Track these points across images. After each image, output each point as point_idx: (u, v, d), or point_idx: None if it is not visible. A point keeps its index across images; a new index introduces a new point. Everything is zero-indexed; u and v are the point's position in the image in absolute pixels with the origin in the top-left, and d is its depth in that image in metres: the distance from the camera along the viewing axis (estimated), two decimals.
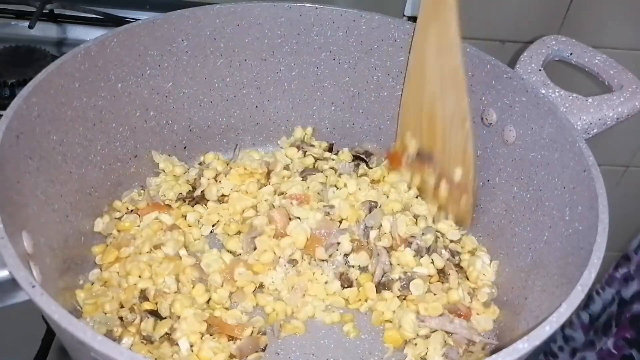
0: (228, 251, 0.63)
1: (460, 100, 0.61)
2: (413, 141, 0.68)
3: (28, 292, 0.38)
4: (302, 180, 0.69)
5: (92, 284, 0.59)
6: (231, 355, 0.55)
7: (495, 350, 0.55)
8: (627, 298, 0.98)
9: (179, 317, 0.56)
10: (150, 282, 0.58)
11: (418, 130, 0.67)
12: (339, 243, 0.63)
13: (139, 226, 0.63)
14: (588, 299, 1.07)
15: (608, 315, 1.01)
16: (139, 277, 0.58)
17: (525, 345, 0.38)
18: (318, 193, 0.67)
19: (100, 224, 0.63)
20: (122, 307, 0.56)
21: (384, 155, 0.73)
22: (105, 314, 0.55)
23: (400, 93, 0.71)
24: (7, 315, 0.59)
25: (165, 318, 0.56)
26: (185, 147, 0.72)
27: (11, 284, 0.59)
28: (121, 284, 0.58)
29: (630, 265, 0.99)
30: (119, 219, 0.64)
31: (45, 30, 0.85)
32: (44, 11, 0.82)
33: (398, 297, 0.60)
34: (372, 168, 0.73)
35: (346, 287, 0.61)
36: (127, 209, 0.65)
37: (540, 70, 0.64)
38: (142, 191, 0.67)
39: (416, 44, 0.64)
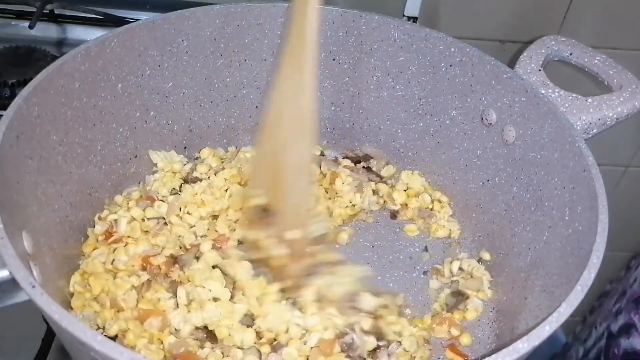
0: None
1: (306, 151, 0.55)
2: (261, 196, 0.60)
3: (28, 292, 0.38)
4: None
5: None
6: None
7: (495, 350, 0.55)
8: (615, 332, 0.96)
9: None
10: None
11: (266, 183, 0.59)
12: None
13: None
14: (588, 334, 1.06)
15: (597, 350, 1.00)
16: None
17: (525, 345, 0.38)
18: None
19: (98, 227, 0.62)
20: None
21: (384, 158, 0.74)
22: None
23: (401, 93, 0.71)
24: (7, 315, 0.59)
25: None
26: (185, 147, 0.72)
27: (11, 284, 0.59)
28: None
29: (624, 299, 0.98)
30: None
31: (46, 31, 0.85)
32: (44, 11, 0.82)
33: None
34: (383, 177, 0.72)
35: None
36: (127, 203, 0.65)
37: (540, 70, 0.64)
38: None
39: (278, 81, 0.56)
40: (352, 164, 0.74)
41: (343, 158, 0.75)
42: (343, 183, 0.71)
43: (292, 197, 0.56)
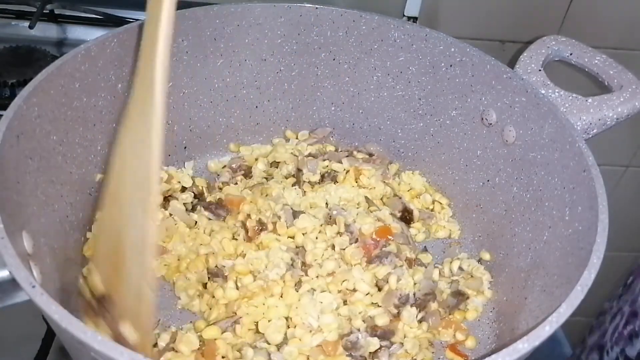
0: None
1: (145, 221, 0.43)
2: (100, 282, 0.49)
3: (28, 292, 0.38)
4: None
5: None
6: None
7: (495, 350, 0.55)
8: (632, 357, 0.95)
9: None
10: None
11: (105, 266, 0.48)
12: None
13: None
14: (600, 356, 1.05)
15: None
16: None
17: (525, 345, 0.38)
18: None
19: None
20: None
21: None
22: None
23: (401, 93, 0.71)
24: (7, 315, 0.60)
25: None
26: (185, 147, 0.72)
27: (11, 284, 0.59)
28: None
29: (637, 321, 0.97)
30: None
31: (46, 31, 0.85)
32: (44, 11, 0.82)
33: None
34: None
35: None
36: None
37: (540, 70, 0.64)
38: None
39: (120, 141, 0.48)
40: (368, 156, 0.74)
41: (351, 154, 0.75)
42: (369, 178, 0.71)
43: (130, 282, 0.45)
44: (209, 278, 0.60)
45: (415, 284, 0.61)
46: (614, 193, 1.08)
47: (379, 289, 0.60)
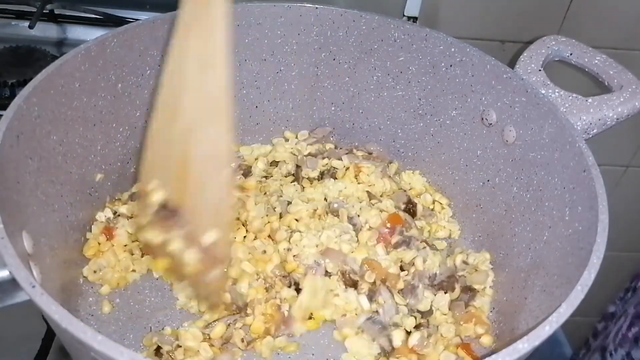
0: None
1: (220, 137, 0.45)
2: (160, 191, 0.50)
3: (28, 292, 0.38)
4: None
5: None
6: None
7: (495, 350, 0.55)
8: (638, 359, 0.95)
9: None
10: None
11: (166, 176, 0.49)
12: None
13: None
14: (602, 358, 1.05)
15: None
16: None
17: (525, 345, 0.38)
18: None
19: (102, 217, 0.63)
20: None
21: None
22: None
23: (401, 93, 0.71)
24: (7, 315, 0.60)
25: None
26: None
27: (11, 284, 0.59)
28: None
29: None
30: (116, 215, 0.64)
31: (46, 31, 0.85)
32: (44, 11, 0.82)
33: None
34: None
35: None
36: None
37: (540, 70, 0.64)
38: None
39: (171, 57, 0.48)
40: (367, 154, 0.75)
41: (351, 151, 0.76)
42: (368, 175, 0.71)
43: (206, 192, 0.47)
44: None
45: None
46: (614, 193, 1.08)
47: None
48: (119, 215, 0.64)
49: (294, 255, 0.61)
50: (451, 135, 0.69)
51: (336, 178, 0.71)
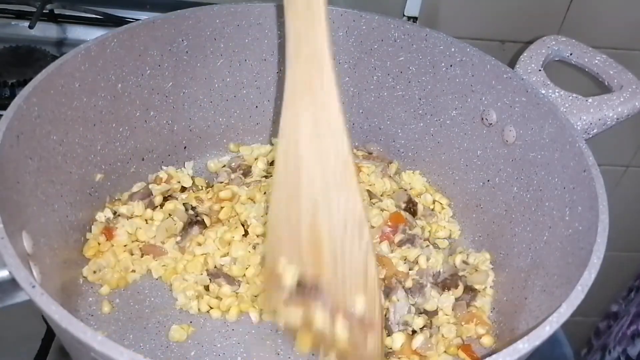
0: None
1: (353, 201, 0.44)
2: (291, 269, 0.49)
3: (28, 292, 0.38)
4: None
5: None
6: None
7: (495, 350, 0.55)
8: (634, 357, 0.95)
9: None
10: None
11: (296, 253, 0.48)
12: None
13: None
14: (601, 357, 1.05)
15: None
16: None
17: (525, 345, 0.38)
18: None
19: (102, 217, 0.63)
20: None
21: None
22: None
23: (401, 93, 0.71)
24: (7, 315, 0.59)
25: None
26: (185, 147, 0.72)
27: (11, 284, 0.59)
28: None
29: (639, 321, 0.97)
30: (116, 215, 0.64)
31: (45, 30, 0.85)
32: (44, 11, 0.82)
33: None
34: None
35: None
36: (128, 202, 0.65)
37: (540, 70, 0.64)
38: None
39: (284, 134, 0.46)
40: (367, 154, 0.75)
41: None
42: (368, 175, 0.71)
43: (347, 260, 0.46)
44: (210, 280, 0.61)
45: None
46: (614, 193, 1.08)
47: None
48: (118, 216, 0.64)
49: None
50: (451, 135, 0.69)
51: None
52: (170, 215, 0.65)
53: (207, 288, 0.61)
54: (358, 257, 0.45)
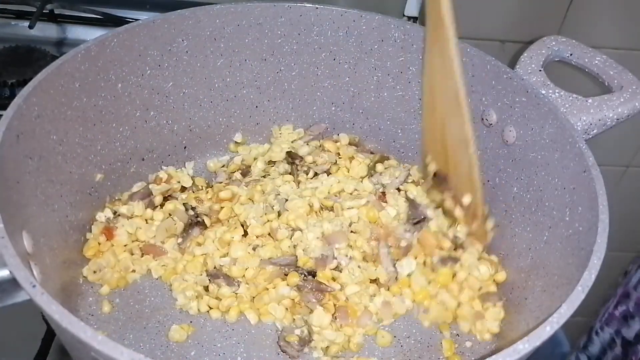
0: None
1: (462, 124, 0.59)
2: (432, 164, 0.67)
3: (28, 291, 0.38)
4: None
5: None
6: None
7: (495, 350, 0.55)
8: (631, 339, 0.95)
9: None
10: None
11: (435, 153, 0.66)
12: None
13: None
14: (587, 339, 1.04)
15: (612, 359, 0.98)
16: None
17: (526, 345, 0.38)
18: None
19: (102, 217, 0.63)
20: None
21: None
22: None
23: (401, 93, 0.71)
24: (7, 315, 0.60)
25: None
26: (185, 147, 0.72)
27: (11, 284, 0.59)
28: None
29: (630, 302, 0.97)
30: (116, 215, 0.64)
31: (45, 30, 0.85)
32: (44, 11, 0.82)
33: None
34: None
35: None
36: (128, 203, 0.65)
37: (540, 70, 0.64)
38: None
39: (425, 66, 0.64)
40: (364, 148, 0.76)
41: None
42: (360, 164, 0.72)
43: (459, 166, 0.62)
44: (209, 280, 0.61)
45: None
46: (614, 193, 1.08)
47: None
48: (119, 215, 0.64)
49: (303, 250, 0.62)
50: None
51: (330, 174, 0.71)
52: (170, 215, 0.65)
53: (206, 288, 0.61)
54: (465, 166, 0.61)
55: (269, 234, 0.64)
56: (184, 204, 0.66)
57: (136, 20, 0.68)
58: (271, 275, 0.61)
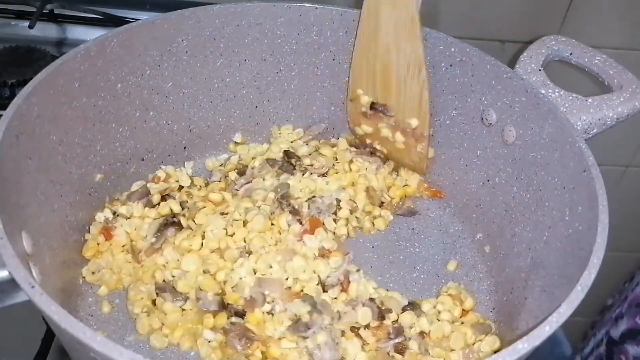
0: None
1: (415, 48, 0.61)
2: (365, 97, 0.69)
3: (27, 292, 0.38)
4: None
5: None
6: None
7: (495, 350, 0.55)
8: (617, 338, 0.95)
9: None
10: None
11: (371, 85, 0.67)
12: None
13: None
14: (588, 341, 1.04)
15: (596, 357, 0.98)
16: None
17: (525, 345, 0.38)
18: None
19: (101, 217, 0.63)
20: None
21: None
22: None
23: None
24: (7, 315, 0.59)
25: None
26: (185, 147, 0.72)
27: (11, 284, 0.59)
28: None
29: (624, 304, 0.97)
30: (115, 215, 0.64)
31: (45, 30, 0.85)
32: (44, 11, 0.82)
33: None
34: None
35: None
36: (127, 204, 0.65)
37: (540, 70, 0.64)
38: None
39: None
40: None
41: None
42: (360, 169, 0.72)
43: (408, 89, 0.64)
44: (157, 293, 0.58)
45: None
46: (614, 193, 1.08)
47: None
48: (118, 216, 0.64)
49: (232, 287, 0.58)
50: (451, 135, 0.69)
51: (326, 175, 0.70)
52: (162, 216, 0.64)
53: (154, 302, 0.58)
54: (416, 89, 0.63)
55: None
56: (180, 204, 0.65)
57: (136, 20, 0.68)
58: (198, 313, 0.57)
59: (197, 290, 0.57)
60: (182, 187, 0.68)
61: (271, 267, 0.59)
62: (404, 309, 0.58)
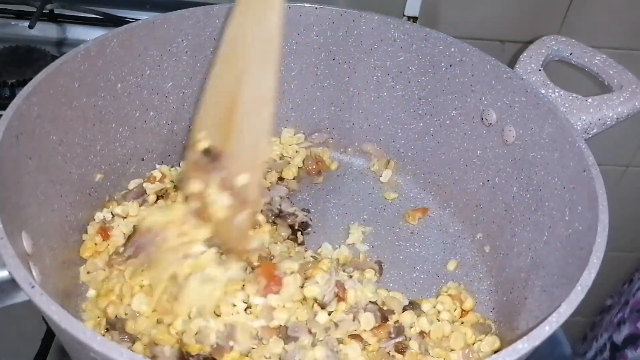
0: None
1: (267, 76, 0.50)
2: (205, 141, 0.55)
3: (27, 292, 0.38)
4: None
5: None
6: None
7: (495, 350, 0.55)
8: (619, 343, 0.95)
9: None
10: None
11: (215, 126, 0.54)
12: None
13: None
14: (590, 345, 1.04)
15: None
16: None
17: (525, 345, 0.38)
18: None
19: (100, 217, 0.63)
20: None
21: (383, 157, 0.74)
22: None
23: (401, 93, 0.71)
24: (7, 315, 0.59)
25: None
26: (185, 148, 0.72)
27: (11, 284, 0.59)
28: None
29: (627, 308, 0.97)
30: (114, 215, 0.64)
31: (45, 30, 0.85)
32: (44, 11, 0.82)
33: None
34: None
35: None
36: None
37: (540, 70, 0.64)
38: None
39: (235, 10, 0.53)
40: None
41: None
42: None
43: (246, 132, 0.51)
44: (106, 329, 0.53)
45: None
46: (614, 193, 1.08)
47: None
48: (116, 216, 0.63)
49: (195, 334, 0.50)
50: (451, 135, 0.69)
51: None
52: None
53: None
54: (255, 134, 0.50)
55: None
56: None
57: (136, 20, 0.68)
58: None
59: (151, 346, 0.49)
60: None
61: (235, 305, 0.52)
62: (404, 309, 0.58)
